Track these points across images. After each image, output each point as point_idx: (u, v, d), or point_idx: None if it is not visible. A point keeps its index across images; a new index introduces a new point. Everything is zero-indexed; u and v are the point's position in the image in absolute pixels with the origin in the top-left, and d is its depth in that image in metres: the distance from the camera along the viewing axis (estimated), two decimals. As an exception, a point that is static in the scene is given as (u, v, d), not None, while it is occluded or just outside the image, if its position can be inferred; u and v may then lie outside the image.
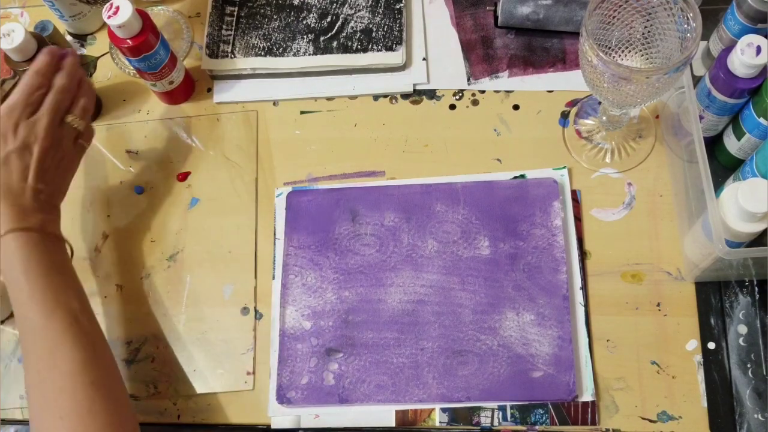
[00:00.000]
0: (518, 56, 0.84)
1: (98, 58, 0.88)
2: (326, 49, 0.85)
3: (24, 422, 0.75)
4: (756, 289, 0.72)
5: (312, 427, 0.71)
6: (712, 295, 0.72)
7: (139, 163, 0.84)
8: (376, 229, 0.77)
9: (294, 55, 0.85)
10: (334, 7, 0.87)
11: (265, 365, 0.73)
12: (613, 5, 0.64)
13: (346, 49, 0.84)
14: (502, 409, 0.70)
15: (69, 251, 0.69)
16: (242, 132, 0.84)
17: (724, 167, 0.75)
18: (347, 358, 0.72)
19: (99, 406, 0.60)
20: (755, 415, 0.68)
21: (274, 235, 0.78)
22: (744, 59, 0.64)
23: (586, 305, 0.72)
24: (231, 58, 0.85)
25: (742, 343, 0.70)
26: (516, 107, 0.82)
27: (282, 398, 0.71)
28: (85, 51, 0.90)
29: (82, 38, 0.91)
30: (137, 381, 0.74)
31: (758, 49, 0.64)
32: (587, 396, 0.69)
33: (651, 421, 0.68)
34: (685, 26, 0.62)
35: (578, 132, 0.80)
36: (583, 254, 0.74)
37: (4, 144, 0.66)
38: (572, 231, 0.75)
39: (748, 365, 0.69)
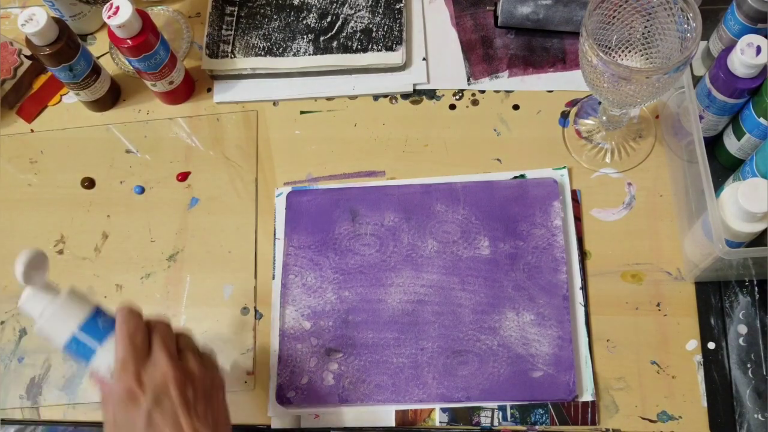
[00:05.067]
0: (518, 56, 0.84)
1: (98, 58, 0.88)
2: (326, 49, 0.85)
3: (24, 422, 0.75)
4: (756, 289, 0.72)
5: (312, 427, 0.71)
6: (712, 295, 0.72)
7: (139, 163, 0.84)
8: (376, 229, 0.77)
9: (294, 55, 0.85)
10: (334, 7, 0.87)
11: (265, 365, 0.73)
12: (613, 5, 0.64)
13: (346, 49, 0.84)
14: (502, 409, 0.70)
15: None
16: (242, 132, 0.84)
17: (724, 167, 0.75)
18: (347, 358, 0.72)
19: None
20: (755, 415, 0.68)
21: (274, 235, 0.78)
22: (744, 59, 0.64)
23: (586, 305, 0.72)
24: (231, 58, 0.85)
25: (742, 343, 0.70)
26: (516, 107, 0.82)
27: (282, 398, 0.71)
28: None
29: (82, 38, 0.91)
30: (137, 381, 0.74)
31: (758, 49, 0.64)
32: (587, 396, 0.69)
33: (651, 421, 0.68)
34: (685, 26, 0.62)
35: (578, 132, 0.80)
36: (583, 254, 0.74)
37: (136, 405, 0.54)
38: (572, 231, 0.75)
39: (748, 365, 0.69)
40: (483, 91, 0.83)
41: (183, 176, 0.82)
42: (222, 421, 0.58)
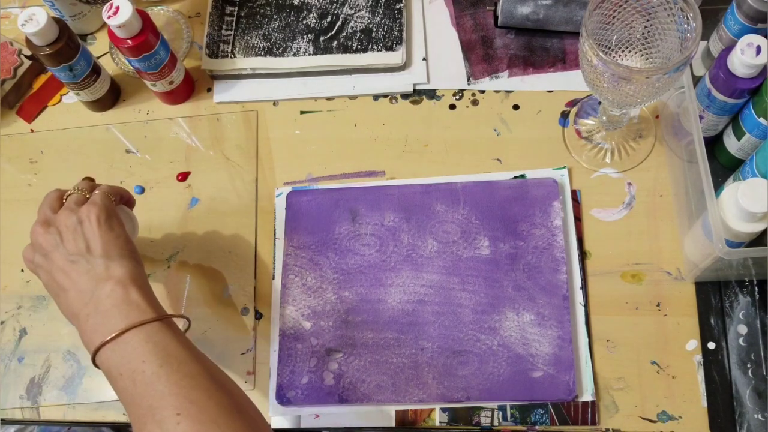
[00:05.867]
0: (518, 56, 0.84)
1: (98, 58, 0.88)
2: (326, 49, 0.85)
3: (24, 422, 0.75)
4: (756, 289, 0.72)
5: (312, 427, 0.71)
6: (712, 295, 0.72)
7: (139, 163, 0.84)
8: (376, 229, 0.77)
9: (294, 55, 0.85)
10: (334, 7, 0.87)
11: (265, 365, 0.73)
12: (613, 5, 0.64)
13: (346, 49, 0.84)
14: (502, 409, 0.70)
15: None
16: (242, 132, 0.84)
17: (724, 167, 0.75)
18: (347, 358, 0.72)
19: None
20: (755, 415, 0.68)
21: (274, 235, 0.78)
22: (744, 59, 0.64)
23: (586, 305, 0.72)
24: (231, 58, 0.85)
25: (742, 343, 0.70)
26: (516, 107, 0.82)
27: (282, 398, 0.71)
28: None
29: (82, 38, 0.91)
30: (137, 381, 0.74)
31: (758, 49, 0.64)
32: (587, 396, 0.69)
33: (651, 421, 0.68)
34: (685, 26, 0.62)
35: (578, 132, 0.80)
36: (583, 254, 0.74)
37: (46, 232, 0.64)
38: (572, 231, 0.75)
39: (748, 365, 0.69)
40: (483, 91, 0.83)
41: (183, 176, 0.82)
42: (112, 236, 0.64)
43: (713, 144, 0.75)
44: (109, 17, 0.74)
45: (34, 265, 0.64)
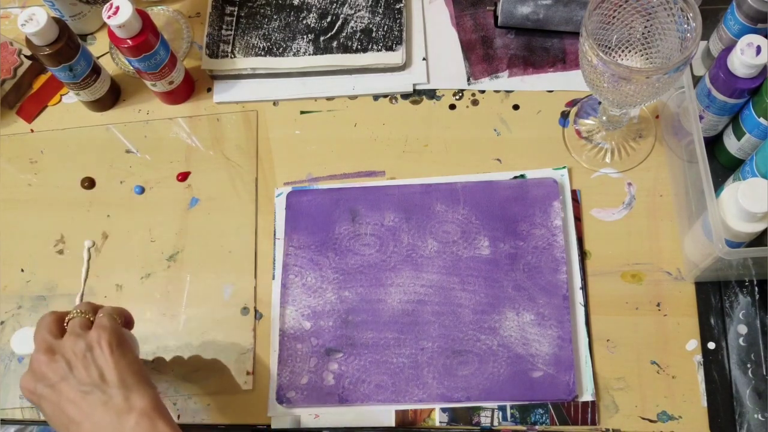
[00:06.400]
0: (518, 56, 0.84)
1: (98, 58, 0.88)
2: (326, 49, 0.85)
3: (24, 422, 0.75)
4: (756, 289, 0.72)
5: (312, 427, 0.71)
6: (712, 295, 0.72)
7: (139, 163, 0.84)
8: (376, 229, 0.77)
9: (294, 55, 0.85)
10: (334, 7, 0.87)
11: (265, 365, 0.73)
12: (613, 5, 0.64)
13: (346, 49, 0.84)
14: (502, 409, 0.70)
15: None
16: (242, 132, 0.84)
17: (724, 167, 0.75)
18: (347, 358, 0.72)
19: None
20: (755, 415, 0.68)
21: (274, 235, 0.78)
22: (744, 59, 0.64)
23: (586, 305, 0.72)
24: (231, 58, 0.85)
25: (742, 343, 0.70)
26: (516, 107, 0.82)
27: (282, 398, 0.71)
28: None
29: (82, 38, 0.91)
30: (137, 381, 0.74)
31: (758, 49, 0.64)
32: (587, 396, 0.69)
33: (651, 421, 0.68)
34: (685, 26, 0.62)
35: (578, 132, 0.80)
36: (583, 254, 0.74)
37: (51, 360, 0.59)
38: (572, 231, 0.75)
39: (748, 365, 0.69)
40: (483, 91, 0.83)
41: (183, 176, 0.82)
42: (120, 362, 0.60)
43: (713, 144, 0.75)
44: (109, 17, 0.74)
45: (36, 396, 0.59)
